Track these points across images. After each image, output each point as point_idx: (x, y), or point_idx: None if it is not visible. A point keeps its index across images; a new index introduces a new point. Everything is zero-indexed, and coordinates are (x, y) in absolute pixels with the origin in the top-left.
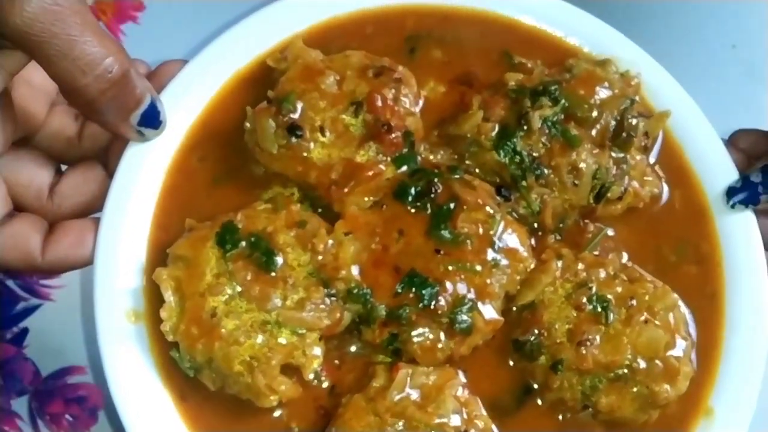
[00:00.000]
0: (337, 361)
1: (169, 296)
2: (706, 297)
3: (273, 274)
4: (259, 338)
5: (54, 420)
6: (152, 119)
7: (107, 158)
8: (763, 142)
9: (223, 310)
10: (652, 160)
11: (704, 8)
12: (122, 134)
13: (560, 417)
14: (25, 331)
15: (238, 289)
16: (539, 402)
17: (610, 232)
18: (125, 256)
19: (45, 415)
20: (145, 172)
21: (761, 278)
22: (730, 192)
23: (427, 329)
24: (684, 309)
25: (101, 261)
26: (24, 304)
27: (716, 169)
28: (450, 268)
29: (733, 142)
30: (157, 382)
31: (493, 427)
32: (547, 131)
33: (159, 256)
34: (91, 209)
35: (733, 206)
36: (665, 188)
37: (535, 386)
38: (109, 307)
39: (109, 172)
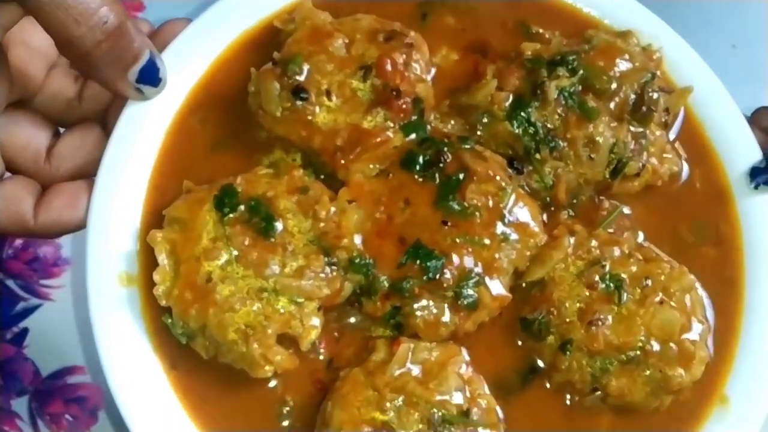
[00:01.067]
0: (336, 334)
1: (163, 259)
2: (724, 281)
3: (272, 240)
4: (256, 306)
5: (54, 420)
6: (151, 76)
7: (107, 120)
8: None
9: (219, 276)
10: (672, 137)
11: (704, 8)
12: (120, 92)
13: (567, 400)
14: (25, 331)
15: (235, 254)
16: (546, 384)
17: (626, 210)
18: (119, 218)
19: (45, 415)
20: (143, 133)
21: None
22: (754, 172)
23: (431, 303)
24: (701, 292)
25: (94, 222)
26: (24, 304)
27: (739, 149)
28: (457, 240)
29: (755, 120)
30: (148, 348)
31: (497, 407)
32: (563, 102)
33: (155, 219)
34: (90, 172)
35: (756, 187)
36: (685, 167)
37: (542, 366)
38: (101, 269)
39: (109, 134)
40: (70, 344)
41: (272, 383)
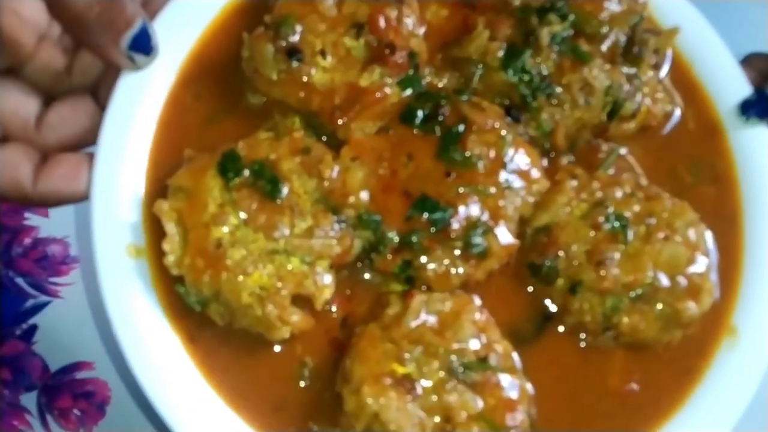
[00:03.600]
0: (348, 292)
1: (171, 228)
2: (725, 218)
3: (279, 202)
4: (268, 268)
5: (62, 415)
6: (144, 44)
7: (98, 91)
8: None
9: (229, 241)
10: (662, 77)
11: (704, 8)
12: (113, 59)
13: (581, 343)
14: (33, 328)
15: (243, 218)
16: (559, 328)
17: (623, 151)
18: (123, 190)
19: (53, 410)
20: (139, 105)
21: None
22: (745, 106)
23: (440, 254)
24: (703, 227)
25: (99, 194)
26: (33, 301)
27: (728, 86)
28: (462, 190)
29: (748, 62)
30: (164, 322)
31: (513, 353)
32: (556, 48)
33: (157, 191)
34: (80, 142)
35: (747, 119)
36: (677, 106)
37: (554, 312)
38: (109, 242)
39: (101, 105)
40: (78, 340)
41: (290, 346)
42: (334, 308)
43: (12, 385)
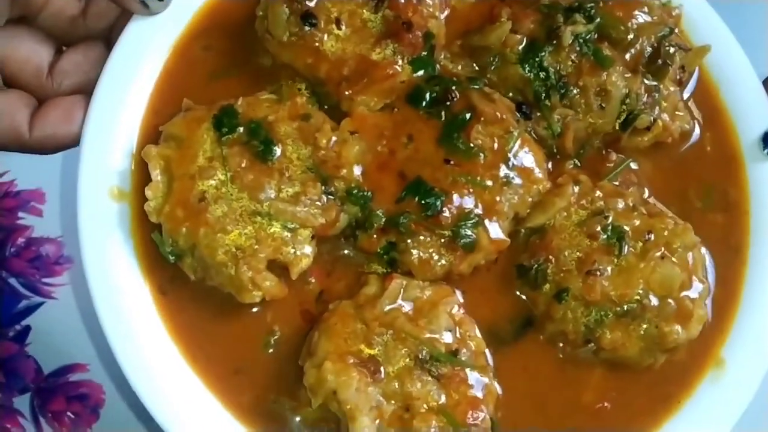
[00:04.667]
0: (328, 267)
1: (156, 175)
2: (730, 248)
3: (269, 164)
4: (248, 229)
5: (56, 417)
6: None
7: (111, 37)
8: None
9: (213, 195)
10: (685, 96)
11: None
12: (126, 3)
13: (560, 354)
14: (27, 329)
15: (231, 175)
16: (540, 336)
17: (634, 165)
18: (115, 133)
19: (47, 412)
20: (146, 51)
21: None
22: (767, 138)
23: (427, 240)
24: (704, 251)
25: (89, 134)
26: (26, 302)
27: (753, 114)
28: (459, 180)
29: None
30: (137, 270)
31: (486, 351)
32: (577, 49)
33: (151, 138)
34: (92, 89)
35: None
36: (696, 128)
37: (537, 317)
38: (93, 180)
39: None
40: (72, 342)
41: (261, 312)
42: (312, 280)
43: (5, 388)
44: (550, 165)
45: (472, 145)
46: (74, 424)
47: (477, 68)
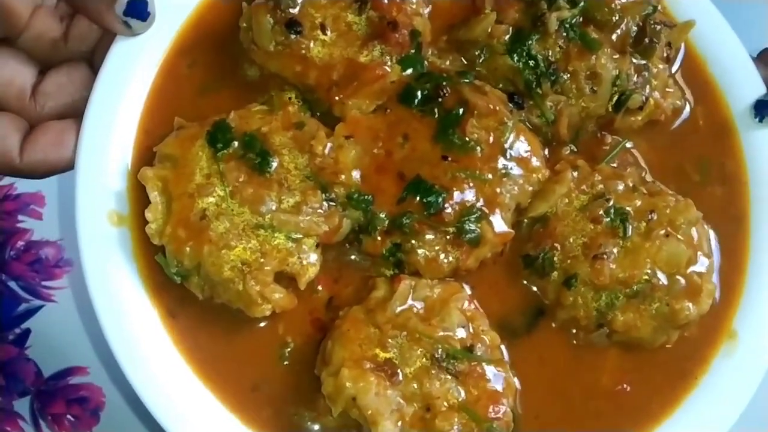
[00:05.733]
0: (335, 274)
1: (155, 197)
2: (731, 219)
3: (267, 176)
4: (252, 243)
5: (56, 420)
6: (140, 9)
7: (94, 59)
8: None
9: (213, 212)
10: (674, 72)
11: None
12: (107, 24)
13: (574, 340)
14: (27, 332)
15: (230, 190)
16: (551, 324)
17: (629, 146)
18: (109, 157)
19: (47, 415)
20: (132, 72)
21: None
22: (759, 106)
23: (432, 239)
24: (707, 226)
25: (83, 159)
26: (26, 306)
27: (742, 84)
28: (458, 175)
29: (762, 58)
30: (143, 296)
31: (501, 345)
32: (564, 34)
33: (145, 159)
34: (77, 110)
35: (761, 120)
36: (688, 103)
37: (547, 305)
38: (90, 207)
39: (97, 72)
40: (72, 345)
41: (272, 326)
42: (320, 288)
43: (5, 391)
44: (546, 152)
45: (468, 139)
46: (74, 427)
47: (465, 62)
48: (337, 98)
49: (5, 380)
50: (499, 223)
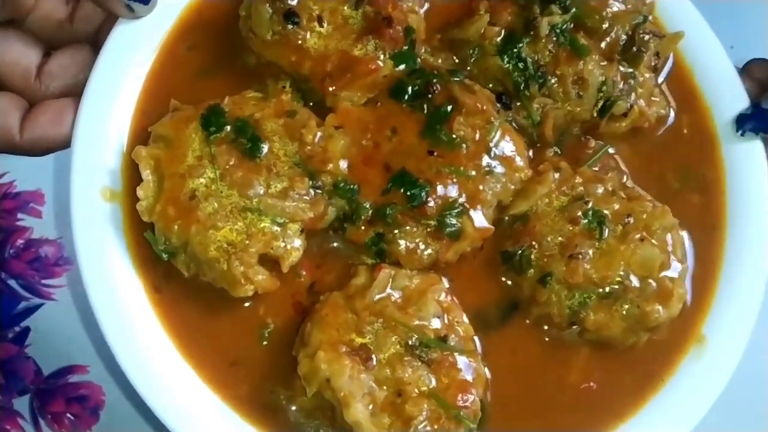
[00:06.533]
0: (318, 260)
1: (147, 175)
2: (707, 227)
3: (257, 161)
4: (238, 224)
5: (55, 419)
6: None
7: (97, 40)
8: None
9: (203, 193)
10: (661, 81)
11: (703, 9)
12: (112, 8)
13: (546, 336)
14: (26, 331)
15: (220, 172)
16: (525, 320)
17: (612, 151)
18: (105, 134)
19: (46, 414)
20: (132, 53)
21: (766, 210)
22: (741, 119)
23: (413, 231)
24: (683, 232)
25: (80, 136)
26: (26, 304)
27: (727, 96)
28: (442, 170)
29: (747, 71)
30: (131, 269)
31: (475, 336)
32: (554, 39)
33: (140, 138)
34: (80, 90)
35: (743, 134)
36: (672, 112)
37: (522, 299)
38: (84, 182)
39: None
40: (71, 343)
41: (254, 306)
42: (303, 273)
43: (5, 389)
44: (531, 153)
45: (454, 136)
46: (74, 425)
47: (457, 61)
48: (330, 89)
49: (5, 378)
50: (479, 219)
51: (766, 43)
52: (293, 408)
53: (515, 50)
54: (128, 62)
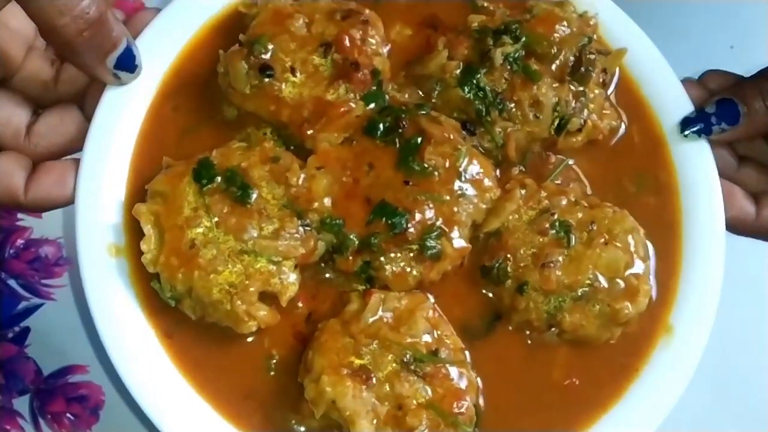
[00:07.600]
0: (313, 291)
1: (148, 229)
2: (665, 225)
3: (248, 206)
4: (237, 267)
5: (55, 419)
6: (128, 63)
7: (84, 102)
8: (731, 82)
9: (202, 241)
10: (611, 94)
11: (702, 8)
12: (99, 77)
13: (528, 340)
14: (26, 331)
15: (215, 221)
16: (508, 326)
17: (571, 162)
18: (105, 194)
19: (46, 414)
20: (122, 117)
21: (716, 203)
22: (685, 122)
23: (398, 256)
24: (643, 233)
25: (82, 198)
26: (25, 304)
27: (672, 104)
28: (418, 198)
29: (703, 80)
30: (141, 317)
31: (463, 347)
32: (508, 67)
33: (137, 195)
34: (68, 150)
35: (686, 136)
36: (623, 123)
37: (503, 308)
38: (91, 241)
39: (87, 115)
40: (71, 343)
41: (259, 340)
42: (300, 304)
43: (4, 389)
44: (498, 173)
45: (426, 165)
46: (74, 425)
47: (422, 95)
48: (308, 133)
49: (5, 378)
50: (457, 239)
51: (766, 43)
52: (303, 430)
53: (474, 81)
54: (119, 126)
